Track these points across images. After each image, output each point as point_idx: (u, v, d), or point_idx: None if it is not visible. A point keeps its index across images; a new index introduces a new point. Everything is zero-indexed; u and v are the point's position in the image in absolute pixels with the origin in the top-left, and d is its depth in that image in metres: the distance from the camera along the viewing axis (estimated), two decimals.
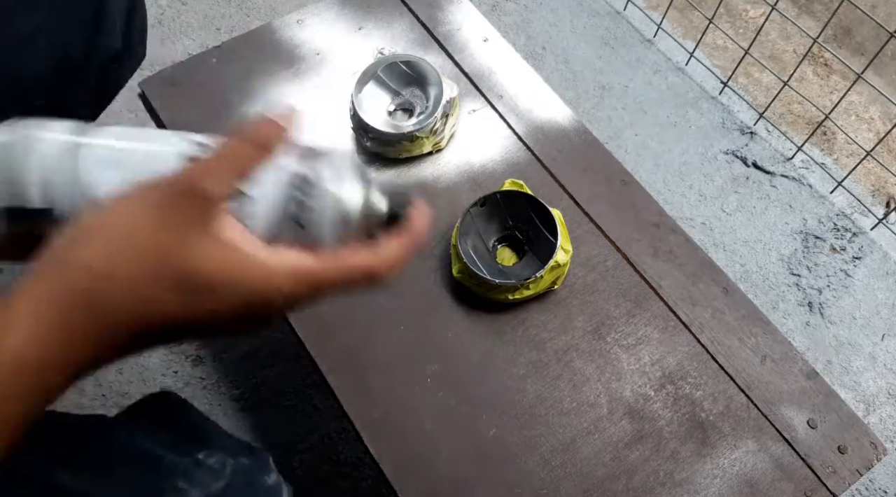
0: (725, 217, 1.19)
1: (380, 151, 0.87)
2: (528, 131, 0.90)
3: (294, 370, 1.02)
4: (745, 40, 1.37)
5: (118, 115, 1.21)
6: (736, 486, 0.71)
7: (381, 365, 0.76)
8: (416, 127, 0.86)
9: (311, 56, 0.95)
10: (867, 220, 1.20)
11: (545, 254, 0.79)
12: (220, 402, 0.99)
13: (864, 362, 1.08)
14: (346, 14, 0.99)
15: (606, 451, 0.72)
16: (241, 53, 0.95)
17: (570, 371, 0.76)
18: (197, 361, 1.02)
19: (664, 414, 0.74)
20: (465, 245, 0.79)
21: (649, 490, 0.70)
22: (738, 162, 1.24)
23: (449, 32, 0.98)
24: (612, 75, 1.32)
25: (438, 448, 0.72)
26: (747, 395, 0.75)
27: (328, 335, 0.77)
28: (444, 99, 0.87)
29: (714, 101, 1.30)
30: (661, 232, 0.84)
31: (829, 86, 1.35)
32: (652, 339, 0.78)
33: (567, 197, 0.86)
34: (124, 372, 1.01)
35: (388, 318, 0.78)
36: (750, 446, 0.73)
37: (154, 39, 1.30)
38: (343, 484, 0.95)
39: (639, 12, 1.39)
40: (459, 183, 0.87)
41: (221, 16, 1.34)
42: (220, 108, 0.91)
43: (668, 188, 1.21)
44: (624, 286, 0.81)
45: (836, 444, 0.73)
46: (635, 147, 1.24)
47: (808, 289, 1.13)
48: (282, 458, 0.96)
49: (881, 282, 1.14)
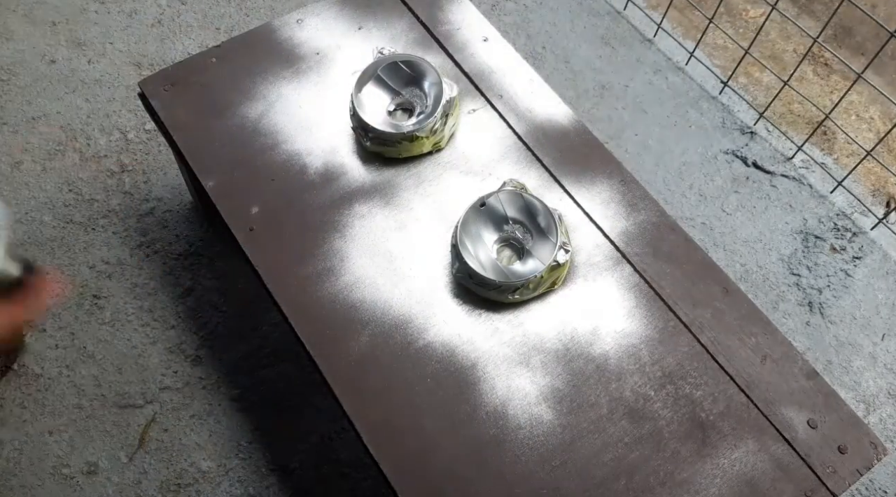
0: (725, 217, 1.19)
1: (380, 151, 0.87)
2: (528, 131, 0.90)
3: (294, 370, 1.02)
4: (745, 40, 1.37)
5: (118, 115, 1.21)
6: (736, 486, 0.71)
7: (381, 365, 0.76)
8: (416, 127, 0.86)
9: (311, 56, 0.95)
10: (867, 219, 1.19)
11: (545, 254, 0.79)
12: (220, 402, 0.99)
13: (864, 362, 1.08)
14: (346, 14, 0.99)
15: (606, 451, 0.72)
16: (240, 53, 0.95)
17: (570, 371, 0.76)
18: (197, 361, 1.02)
19: (664, 414, 0.74)
20: (465, 245, 0.79)
21: (649, 490, 0.70)
22: (739, 162, 1.24)
23: (449, 32, 0.98)
24: (612, 75, 1.32)
25: (438, 448, 0.72)
26: (747, 395, 0.75)
27: (328, 336, 0.77)
28: (444, 99, 0.87)
29: (714, 101, 1.30)
30: (661, 232, 0.84)
31: (829, 85, 1.35)
32: (652, 339, 0.78)
33: (567, 197, 0.86)
34: (124, 372, 1.01)
35: (388, 319, 0.78)
36: (750, 446, 0.73)
37: (154, 39, 1.30)
38: (343, 484, 0.95)
39: (639, 12, 1.39)
40: (459, 183, 0.87)
41: (221, 16, 1.34)
42: (220, 108, 0.91)
43: (668, 188, 1.21)
44: (624, 286, 0.81)
45: (836, 444, 0.73)
46: (635, 147, 1.24)
47: (808, 289, 1.13)
48: (282, 458, 0.96)
49: (881, 282, 1.14)
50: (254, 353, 1.03)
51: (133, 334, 1.04)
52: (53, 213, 1.12)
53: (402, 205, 0.85)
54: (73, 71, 1.26)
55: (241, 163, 0.87)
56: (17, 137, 1.19)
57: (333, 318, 0.78)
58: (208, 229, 1.12)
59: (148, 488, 0.94)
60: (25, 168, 1.16)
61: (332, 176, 0.87)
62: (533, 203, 0.81)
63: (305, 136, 0.89)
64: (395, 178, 0.87)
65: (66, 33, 1.30)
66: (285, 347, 1.03)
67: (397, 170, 0.88)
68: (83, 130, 1.20)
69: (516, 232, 0.82)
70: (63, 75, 1.25)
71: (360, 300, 0.79)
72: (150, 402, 0.99)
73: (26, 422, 0.97)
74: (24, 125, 1.20)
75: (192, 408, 0.99)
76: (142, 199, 1.14)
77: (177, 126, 0.90)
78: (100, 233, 1.11)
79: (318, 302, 0.79)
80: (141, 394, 1.00)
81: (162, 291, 1.07)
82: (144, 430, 0.98)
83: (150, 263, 1.09)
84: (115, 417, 0.98)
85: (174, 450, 0.96)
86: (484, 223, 0.82)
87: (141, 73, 1.27)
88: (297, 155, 0.88)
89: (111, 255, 1.09)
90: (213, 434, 0.98)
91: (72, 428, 0.97)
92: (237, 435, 0.98)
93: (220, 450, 0.97)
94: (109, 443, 0.97)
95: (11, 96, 1.23)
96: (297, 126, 0.89)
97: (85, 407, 0.99)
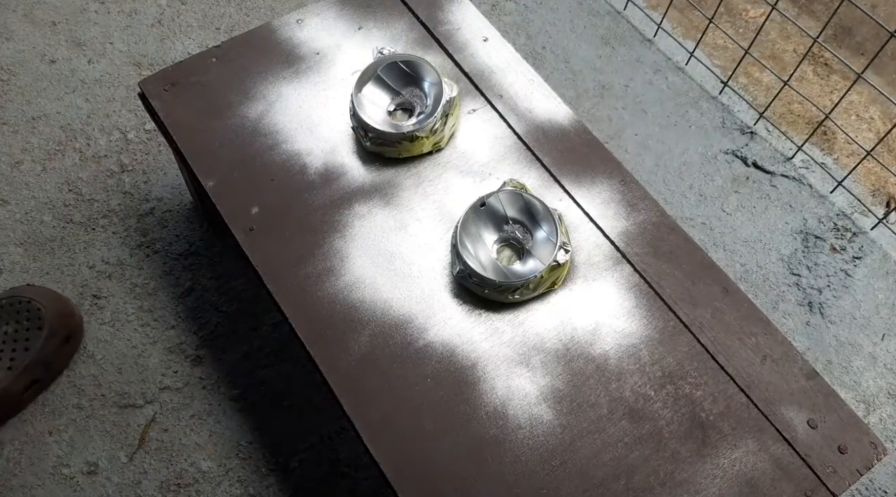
0: (725, 217, 1.19)
1: (380, 151, 0.87)
2: (528, 131, 0.90)
3: (294, 370, 1.02)
4: (745, 40, 1.37)
5: (118, 115, 1.21)
6: (736, 486, 0.71)
7: (381, 365, 0.76)
8: (416, 127, 0.86)
9: (311, 56, 0.95)
10: (867, 219, 1.19)
11: (545, 254, 0.79)
12: (220, 402, 0.99)
13: (864, 362, 1.08)
14: (346, 14, 0.99)
15: (606, 451, 0.72)
16: (240, 53, 0.95)
17: (570, 371, 0.76)
18: (197, 361, 1.02)
19: (664, 414, 0.74)
20: (465, 245, 0.79)
21: (649, 490, 0.70)
22: (739, 162, 1.24)
23: (449, 32, 0.98)
24: (612, 75, 1.32)
25: (438, 448, 0.72)
26: (747, 395, 0.75)
27: (328, 336, 0.77)
28: (444, 99, 0.87)
29: (714, 101, 1.30)
30: (661, 232, 0.84)
31: (829, 85, 1.35)
32: (652, 339, 0.78)
33: (567, 197, 0.86)
34: (124, 372, 1.01)
35: (388, 319, 0.78)
36: (750, 446, 0.73)
37: (154, 39, 1.30)
38: (343, 484, 0.95)
39: (639, 12, 1.39)
40: (459, 183, 0.87)
41: (221, 15, 1.34)
42: (220, 108, 0.91)
43: (668, 188, 1.21)
44: (624, 286, 0.81)
45: (836, 444, 0.73)
46: (635, 147, 1.24)
47: (808, 289, 1.13)
48: (282, 457, 0.96)
49: (881, 282, 1.14)
50: (254, 353, 1.03)
51: (133, 334, 1.04)
52: (53, 213, 1.12)
53: (402, 205, 0.85)
54: (73, 71, 1.26)
55: (241, 163, 0.87)
56: (17, 137, 1.19)
57: (333, 318, 0.78)
58: (208, 229, 1.12)
59: (148, 488, 0.94)
60: (25, 168, 1.16)
61: (332, 176, 0.87)
62: (533, 203, 0.81)
63: (305, 136, 0.89)
64: (395, 178, 0.87)
65: (66, 33, 1.30)
66: (285, 347, 1.03)
67: (397, 170, 0.88)
68: (83, 130, 1.20)
69: (516, 232, 0.82)
70: (63, 75, 1.25)
71: (360, 300, 0.79)
72: (150, 402, 0.99)
73: (26, 422, 0.97)
74: (23, 125, 1.20)
75: (192, 408, 0.99)
76: (142, 199, 1.14)
77: (177, 126, 0.90)
78: (100, 233, 1.11)
79: (318, 302, 0.79)
80: (141, 394, 1.00)
81: (162, 291, 1.07)
82: (144, 430, 0.98)
83: (150, 263, 1.09)
84: (115, 417, 0.98)
85: (174, 450, 0.97)
86: (484, 223, 0.82)
87: (141, 73, 1.27)
88: (297, 155, 0.88)
89: (111, 255, 1.09)
90: (213, 434, 0.98)
91: (72, 428, 0.97)
92: (237, 435, 0.98)
93: (220, 450, 0.97)
94: (109, 443, 0.97)
95: (11, 96, 1.23)
96: (297, 126, 0.89)
97: (85, 407, 0.99)
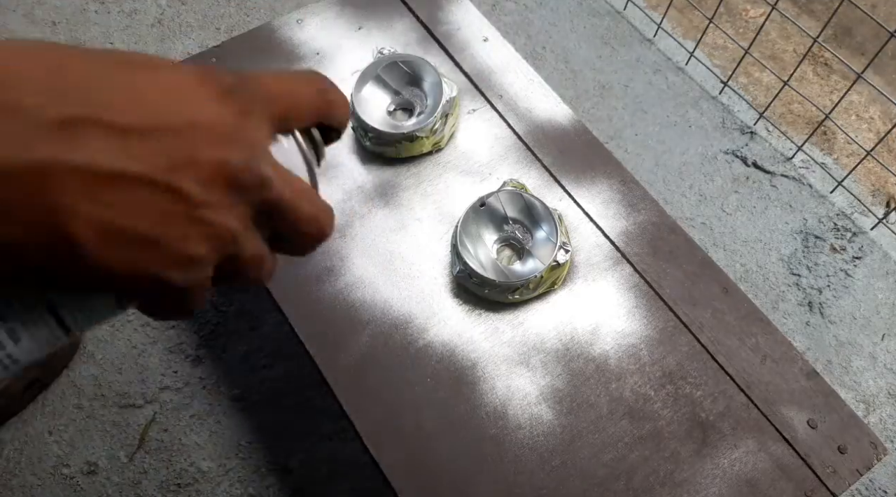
0: (725, 217, 1.19)
1: (380, 151, 0.87)
2: (528, 131, 0.90)
3: (294, 370, 1.02)
4: (745, 40, 1.37)
5: None
6: (736, 486, 0.71)
7: (381, 365, 0.76)
8: (415, 126, 0.86)
9: (311, 56, 0.95)
10: (867, 219, 1.19)
11: (545, 254, 0.79)
12: (219, 402, 0.99)
13: (864, 362, 1.08)
14: (346, 14, 0.99)
15: (606, 451, 0.72)
16: (240, 53, 0.95)
17: (570, 371, 0.76)
18: (197, 361, 1.02)
19: (664, 414, 0.74)
20: (465, 245, 0.79)
21: (649, 490, 0.70)
22: (739, 162, 1.24)
23: (449, 32, 0.98)
24: (612, 75, 1.32)
25: (438, 448, 0.72)
26: (747, 395, 0.75)
27: (328, 336, 0.77)
28: (444, 98, 0.87)
29: (714, 101, 1.30)
30: (661, 232, 0.84)
31: (829, 85, 1.35)
32: (652, 339, 0.78)
33: (567, 197, 0.86)
34: (124, 372, 1.01)
35: (388, 319, 0.78)
36: (750, 446, 0.73)
37: (154, 39, 1.30)
38: (343, 484, 0.95)
39: (639, 12, 1.39)
40: (459, 183, 0.87)
41: (221, 15, 1.34)
42: None
43: (668, 188, 1.21)
44: (624, 286, 0.81)
45: (836, 444, 0.73)
46: (635, 147, 1.24)
47: (808, 289, 1.13)
48: (282, 458, 0.96)
49: (881, 282, 1.14)
50: (254, 353, 1.03)
51: (133, 334, 1.04)
52: None
53: (402, 205, 0.85)
54: None
55: None
56: None
57: (333, 318, 0.78)
58: None
59: (148, 488, 0.94)
60: None
61: (331, 176, 0.87)
62: (533, 203, 0.81)
63: None
64: (395, 178, 0.87)
65: (66, 33, 1.30)
66: (285, 347, 1.03)
67: (397, 170, 0.88)
68: None
69: (516, 232, 0.82)
70: None
71: (360, 300, 0.79)
72: (150, 402, 0.99)
73: (26, 422, 0.97)
74: None
75: (192, 408, 0.99)
76: None
77: None
78: None
79: (318, 302, 0.79)
80: (141, 394, 1.00)
81: None
82: (144, 430, 0.98)
83: None
84: (115, 417, 0.98)
85: (174, 450, 0.97)
86: (484, 223, 0.82)
87: None
88: None
89: None
90: (213, 434, 0.98)
91: (72, 428, 0.97)
92: (237, 435, 0.98)
93: (220, 450, 0.97)
94: (109, 443, 0.97)
95: None
96: None
97: (85, 407, 0.99)
